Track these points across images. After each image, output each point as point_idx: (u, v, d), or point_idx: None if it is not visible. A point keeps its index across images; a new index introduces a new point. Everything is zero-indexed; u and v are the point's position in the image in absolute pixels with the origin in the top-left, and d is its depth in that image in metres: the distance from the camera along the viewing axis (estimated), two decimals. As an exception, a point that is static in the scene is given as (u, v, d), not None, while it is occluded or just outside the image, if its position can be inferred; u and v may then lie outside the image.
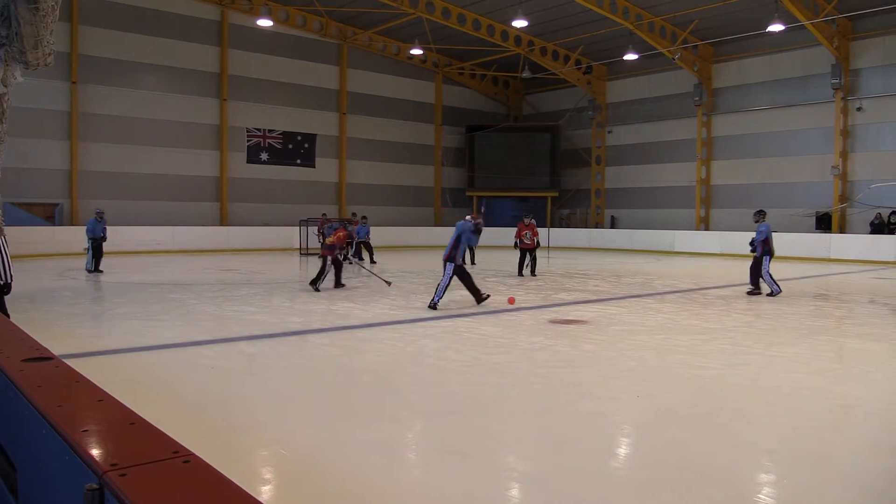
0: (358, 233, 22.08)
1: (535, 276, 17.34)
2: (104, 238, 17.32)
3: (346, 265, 18.68)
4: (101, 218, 17.42)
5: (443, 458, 4.55)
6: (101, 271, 17.09)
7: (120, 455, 1.49)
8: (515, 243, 17.81)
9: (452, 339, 8.74)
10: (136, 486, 1.34)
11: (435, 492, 4.02)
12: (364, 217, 22.96)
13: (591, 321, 10.18)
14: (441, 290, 11.43)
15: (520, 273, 17.48)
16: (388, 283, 14.89)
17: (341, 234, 14.48)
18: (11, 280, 6.78)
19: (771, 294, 13.49)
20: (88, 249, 17.27)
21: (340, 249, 14.51)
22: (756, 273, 13.82)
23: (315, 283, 13.98)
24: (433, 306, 11.27)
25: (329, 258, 14.27)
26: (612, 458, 4.74)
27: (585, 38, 29.70)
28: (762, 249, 13.71)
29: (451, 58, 34.04)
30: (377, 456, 4.52)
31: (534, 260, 17.64)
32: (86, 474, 1.45)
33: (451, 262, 11.54)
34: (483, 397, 6.05)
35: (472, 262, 20.88)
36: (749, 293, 13.80)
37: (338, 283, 14.53)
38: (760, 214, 14.20)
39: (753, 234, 14.19)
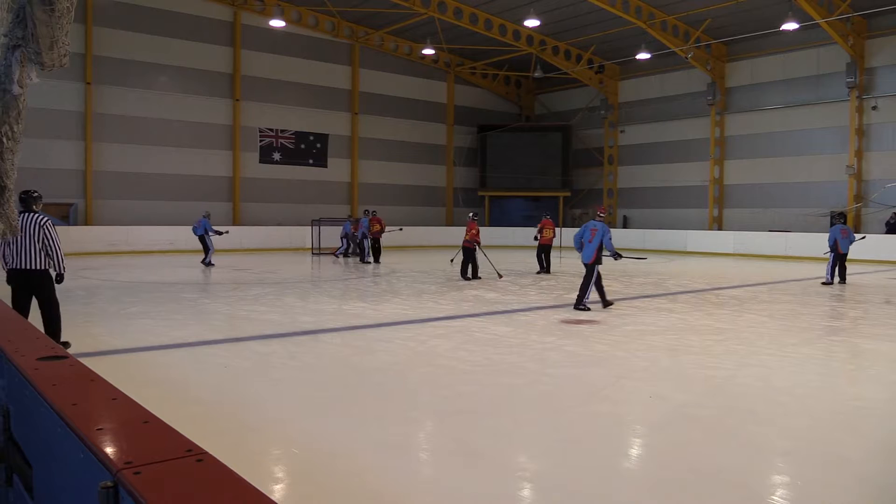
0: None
1: (548, 273, 18.06)
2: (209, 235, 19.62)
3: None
4: (208, 216, 19.95)
5: (454, 458, 4.55)
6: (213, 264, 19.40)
7: (134, 453, 1.50)
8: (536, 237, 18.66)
9: (464, 338, 8.74)
10: (151, 484, 1.35)
11: (446, 491, 4.03)
12: (366, 211, 23.17)
13: (602, 321, 10.16)
14: (588, 291, 11.37)
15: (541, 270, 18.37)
16: (500, 276, 16.52)
17: (474, 230, 16.10)
18: (64, 271, 7.40)
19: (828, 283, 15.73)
20: (210, 244, 19.57)
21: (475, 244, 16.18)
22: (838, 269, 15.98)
23: (464, 274, 16.10)
24: (585, 307, 11.21)
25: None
26: (625, 459, 4.73)
27: (598, 38, 29.61)
28: (830, 248, 15.96)
29: (463, 57, 34.03)
30: (389, 455, 4.53)
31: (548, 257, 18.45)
32: (100, 472, 1.46)
33: (598, 263, 11.53)
34: (495, 397, 6.05)
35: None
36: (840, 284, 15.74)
37: (474, 275, 16.16)
38: (835, 217, 16.89)
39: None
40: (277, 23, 26.88)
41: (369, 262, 21.77)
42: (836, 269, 15.88)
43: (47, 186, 23.52)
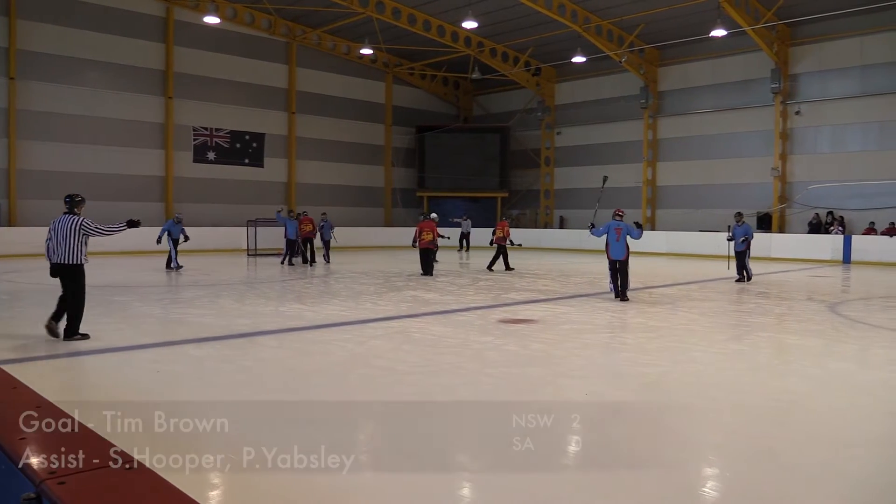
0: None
1: (490, 270, 18.96)
2: (185, 239, 19.32)
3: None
4: (179, 220, 19.50)
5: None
6: (182, 266, 18.81)
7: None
8: (491, 241, 19.82)
9: (403, 339, 8.73)
10: (76, 495, 1.30)
11: (386, 493, 4.01)
12: (290, 211, 23.22)
13: (540, 320, 10.28)
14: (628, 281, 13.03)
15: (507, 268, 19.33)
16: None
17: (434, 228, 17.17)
18: (125, 225, 8.87)
19: (744, 280, 16.32)
20: (171, 248, 18.94)
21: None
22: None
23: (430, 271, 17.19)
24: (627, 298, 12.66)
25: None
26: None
27: (535, 40, 29.97)
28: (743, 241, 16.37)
29: (402, 58, 33.99)
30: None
31: (502, 257, 19.42)
32: (23, 483, 1.41)
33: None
34: (434, 397, 6.05)
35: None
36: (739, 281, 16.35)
37: (429, 272, 17.21)
38: (743, 216, 16.99)
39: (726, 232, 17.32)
40: (212, 19, 26.32)
41: (309, 263, 21.61)
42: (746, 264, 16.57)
43: (-33, 186, 22.65)
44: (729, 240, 16.78)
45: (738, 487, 4.14)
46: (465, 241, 28.59)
